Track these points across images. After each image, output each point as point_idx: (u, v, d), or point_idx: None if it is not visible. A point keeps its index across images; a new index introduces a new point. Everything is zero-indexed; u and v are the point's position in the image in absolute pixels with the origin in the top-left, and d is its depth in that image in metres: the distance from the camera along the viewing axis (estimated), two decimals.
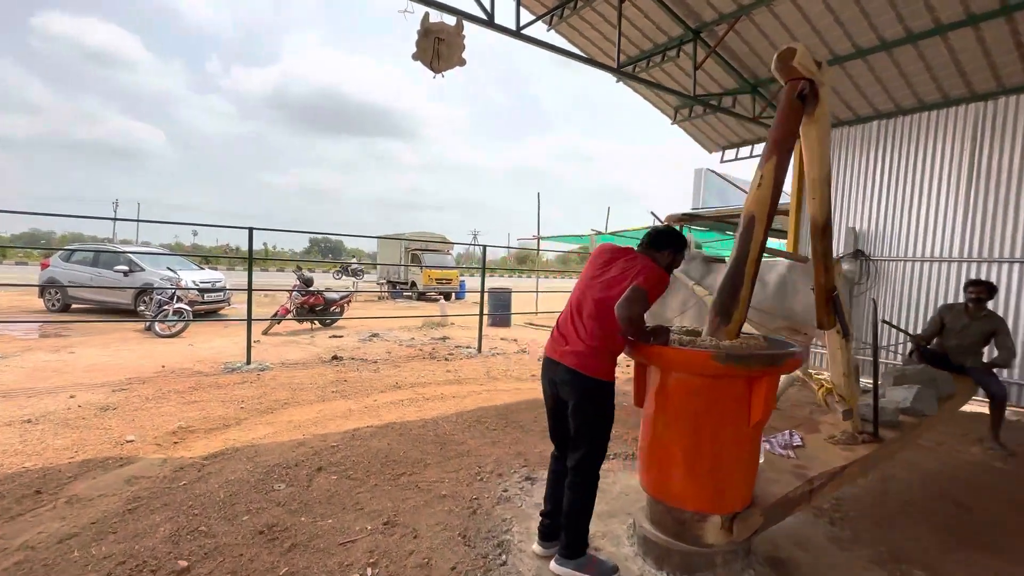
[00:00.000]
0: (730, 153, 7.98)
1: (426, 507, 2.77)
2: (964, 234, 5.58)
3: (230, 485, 2.89)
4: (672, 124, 7.45)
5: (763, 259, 4.06)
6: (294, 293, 9.80)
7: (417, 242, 19.84)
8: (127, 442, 3.55)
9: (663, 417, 2.19)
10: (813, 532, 2.72)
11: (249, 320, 6.10)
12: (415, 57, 4.85)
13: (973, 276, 5.40)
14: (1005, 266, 5.38)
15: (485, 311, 9.68)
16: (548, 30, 6.47)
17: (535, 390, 5.56)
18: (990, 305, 4.20)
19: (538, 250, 15.49)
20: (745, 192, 10.07)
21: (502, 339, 9.24)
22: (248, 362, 5.98)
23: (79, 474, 3.02)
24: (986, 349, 4.15)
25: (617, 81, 6.65)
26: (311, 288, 9.88)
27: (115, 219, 9.56)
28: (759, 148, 7.62)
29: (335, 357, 6.65)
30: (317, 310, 9.98)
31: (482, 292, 8.47)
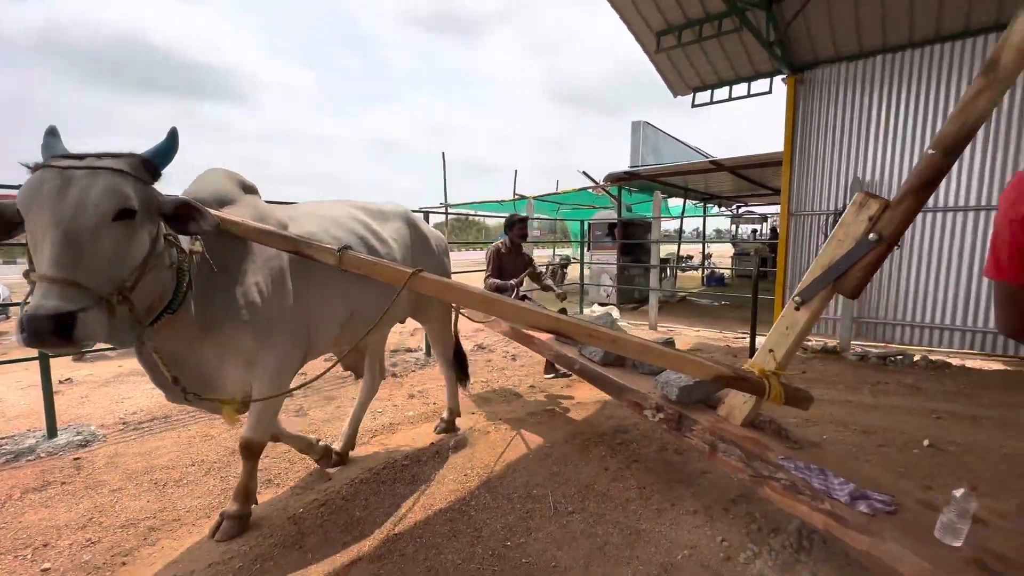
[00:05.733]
0: (703, 96, 6.90)
1: None
2: (984, 180, 5.16)
3: None
4: (656, 53, 6.07)
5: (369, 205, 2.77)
6: None
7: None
8: None
9: None
10: None
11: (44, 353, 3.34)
12: None
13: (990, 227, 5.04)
14: None
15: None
16: None
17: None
18: None
19: (447, 214, 13.44)
20: (685, 146, 9.18)
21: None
22: (51, 433, 3.29)
23: None
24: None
25: None
26: None
27: None
28: (740, 89, 6.65)
29: None
30: None
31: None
